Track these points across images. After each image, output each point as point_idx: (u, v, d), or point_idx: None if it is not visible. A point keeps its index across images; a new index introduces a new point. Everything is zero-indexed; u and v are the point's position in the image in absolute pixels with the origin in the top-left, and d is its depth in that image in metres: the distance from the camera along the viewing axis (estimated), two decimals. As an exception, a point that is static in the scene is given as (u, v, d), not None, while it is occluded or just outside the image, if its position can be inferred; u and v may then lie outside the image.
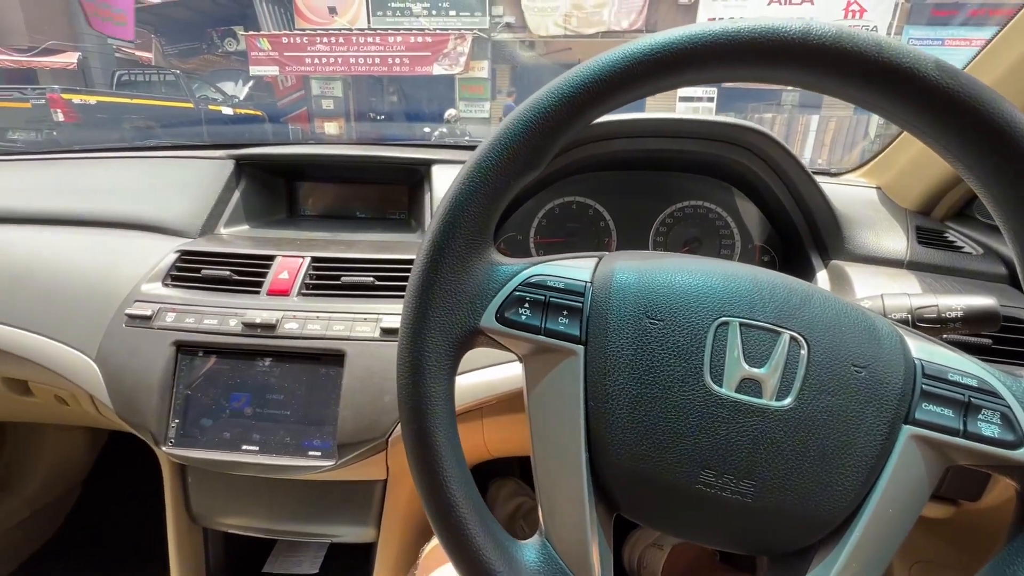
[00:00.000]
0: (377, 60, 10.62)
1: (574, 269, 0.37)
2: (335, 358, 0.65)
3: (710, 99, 10.06)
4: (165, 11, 12.11)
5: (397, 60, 10.60)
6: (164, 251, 0.76)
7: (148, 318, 0.68)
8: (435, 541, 0.66)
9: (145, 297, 0.70)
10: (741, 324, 0.34)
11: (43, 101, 7.71)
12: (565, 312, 0.36)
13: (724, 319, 0.34)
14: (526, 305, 0.36)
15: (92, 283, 0.74)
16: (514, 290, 0.37)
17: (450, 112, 8.40)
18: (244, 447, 0.64)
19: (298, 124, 11.63)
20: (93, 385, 0.67)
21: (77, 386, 0.70)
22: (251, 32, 10.96)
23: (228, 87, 10.73)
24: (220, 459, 0.64)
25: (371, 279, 0.70)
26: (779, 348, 0.33)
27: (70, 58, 11.95)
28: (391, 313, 0.66)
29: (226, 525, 0.77)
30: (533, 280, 0.37)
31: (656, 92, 0.36)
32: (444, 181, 0.83)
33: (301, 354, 0.65)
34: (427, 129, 8.58)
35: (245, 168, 0.89)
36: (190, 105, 9.18)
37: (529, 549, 0.36)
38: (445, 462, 0.35)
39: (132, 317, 0.68)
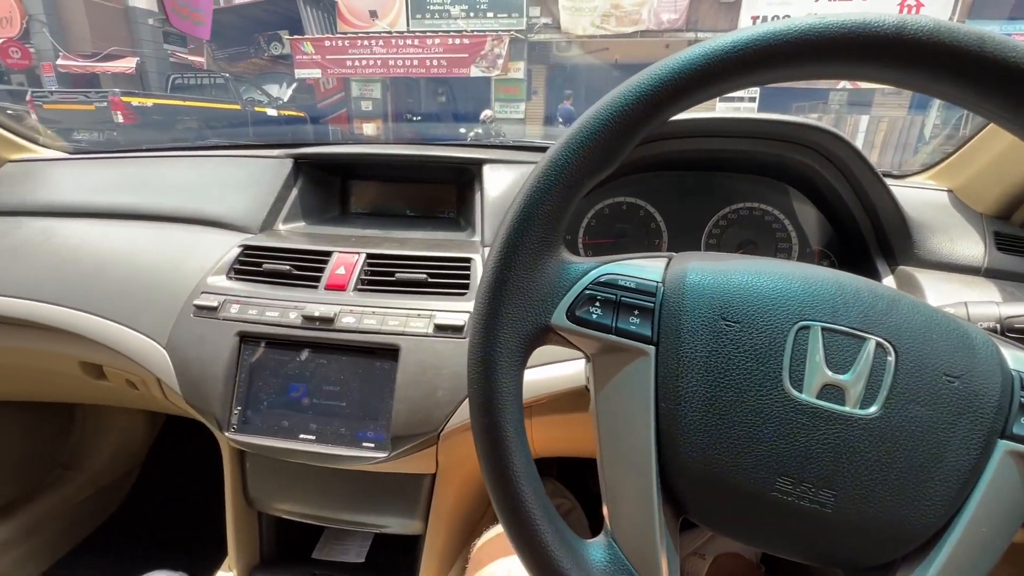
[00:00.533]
0: (415, 62, 10.80)
1: (645, 268, 0.37)
2: (389, 352, 0.66)
3: (752, 99, 9.77)
4: (217, 17, 12.65)
5: (435, 62, 10.75)
6: (228, 246, 0.80)
7: (214, 309, 0.71)
8: (486, 536, 0.67)
9: (211, 289, 0.74)
10: (823, 328, 0.33)
11: (105, 103, 8.20)
12: (636, 312, 0.36)
13: (805, 323, 0.33)
14: (597, 304, 0.36)
15: (162, 275, 0.78)
16: (585, 288, 0.37)
17: (486, 113, 8.46)
18: (301, 436, 0.67)
19: (338, 125, 11.95)
20: (163, 371, 0.71)
21: (148, 372, 0.74)
22: (296, 36, 11.34)
23: (273, 89, 11.13)
24: (278, 446, 0.67)
25: (424, 276, 0.71)
26: (864, 354, 0.32)
27: (129, 63, 12.66)
28: (444, 310, 0.67)
29: (279, 510, 0.80)
30: (604, 279, 0.37)
31: (736, 90, 0.35)
32: (495, 181, 0.84)
33: (357, 348, 0.67)
34: (463, 130, 8.68)
35: (303, 167, 0.92)
36: (238, 107, 9.57)
37: (596, 548, 0.36)
38: (515, 457, 0.35)
39: (199, 308, 0.72)
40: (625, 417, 0.36)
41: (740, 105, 9.68)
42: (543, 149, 0.96)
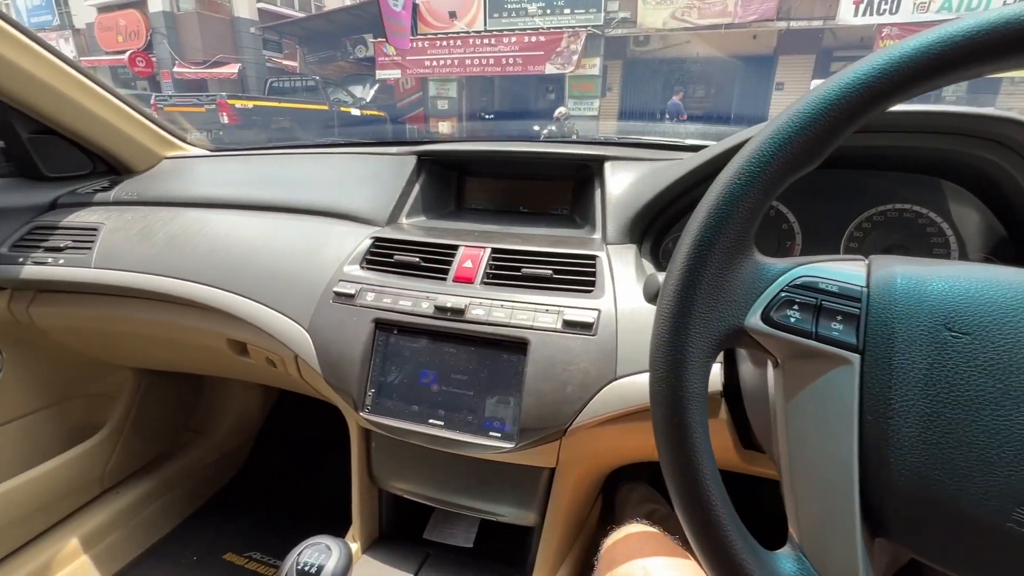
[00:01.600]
0: (491, 60, 10.96)
1: (846, 272, 0.35)
2: (518, 346, 0.67)
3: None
4: (309, 23, 13.59)
5: (511, 60, 10.85)
6: (359, 237, 0.85)
7: (352, 296, 0.76)
8: (616, 535, 0.67)
9: (347, 277, 0.79)
10: None
11: (213, 106, 9.05)
12: (839, 317, 0.34)
13: None
14: (795, 307, 0.35)
15: (303, 263, 0.84)
16: (781, 290, 0.35)
17: (560, 110, 8.40)
18: (430, 420, 0.70)
19: (414, 123, 12.41)
20: (306, 352, 0.77)
21: (289, 351, 0.80)
22: (379, 39, 11.88)
23: (357, 90, 11.74)
24: (409, 429, 0.70)
25: (549, 272, 0.72)
26: None
27: (232, 69, 13.90)
28: (572, 306, 0.68)
29: (399, 489, 0.84)
30: (802, 281, 0.35)
31: (962, 80, 0.32)
32: (617, 179, 0.83)
33: (486, 339, 0.69)
34: (536, 127, 8.69)
35: (425, 163, 0.96)
36: (325, 107, 10.20)
37: (785, 560, 0.35)
38: (704, 461, 0.35)
39: (338, 295, 0.77)
40: (821, 427, 0.34)
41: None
42: (665, 147, 0.94)
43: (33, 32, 0.93)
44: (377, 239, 0.83)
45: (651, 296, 0.46)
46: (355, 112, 10.54)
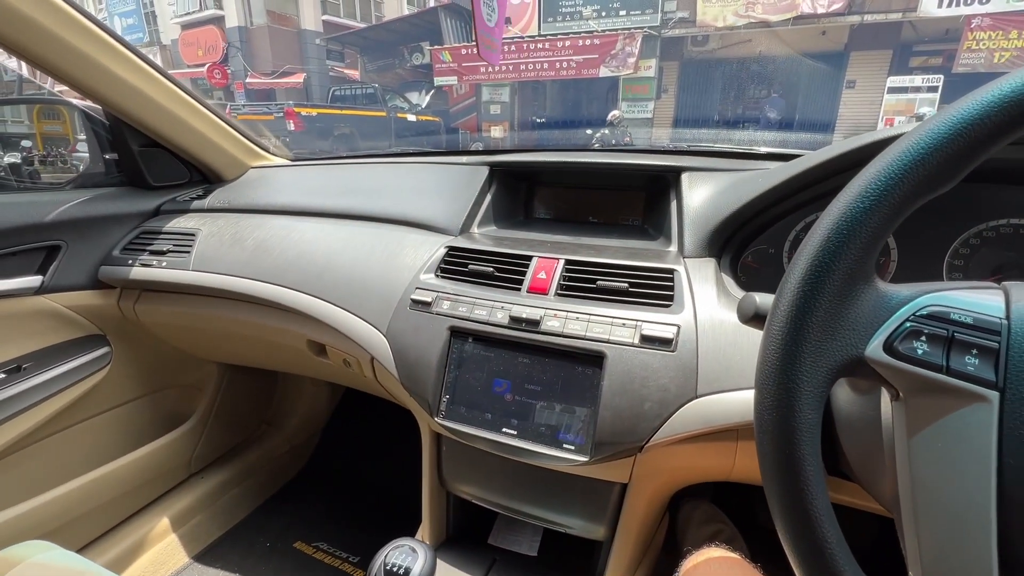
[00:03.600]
0: (545, 65, 10.99)
1: (982, 302, 0.33)
2: (594, 359, 0.67)
3: (932, 88, 8.33)
4: (369, 33, 14.15)
5: (564, 64, 10.83)
6: (433, 246, 0.87)
7: (428, 304, 0.78)
8: (695, 558, 0.65)
9: (424, 285, 0.81)
10: None
11: (281, 114, 9.60)
12: (974, 351, 0.31)
13: None
14: (923, 338, 0.33)
15: (380, 270, 0.88)
16: (907, 320, 0.33)
17: (613, 114, 8.28)
18: (503, 429, 0.71)
19: (467, 128, 12.63)
20: (383, 356, 0.80)
21: (366, 354, 0.84)
22: (436, 47, 12.19)
23: (413, 96, 12.10)
24: (482, 436, 0.71)
25: (625, 285, 0.71)
26: None
27: (298, 78, 14.70)
28: (650, 321, 0.67)
29: (467, 493, 0.86)
30: (931, 311, 0.33)
31: None
32: (695, 190, 0.81)
33: (561, 351, 0.69)
34: (589, 131, 8.61)
35: (496, 174, 0.98)
36: (383, 113, 10.58)
37: None
38: (818, 496, 0.33)
39: (415, 302, 0.79)
40: (952, 469, 0.32)
41: (916, 97, 8.32)
42: (743, 156, 0.91)
43: (144, 54, 1.02)
44: (451, 248, 0.85)
45: (747, 317, 0.45)
46: (411, 118, 10.88)
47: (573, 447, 0.67)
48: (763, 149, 0.93)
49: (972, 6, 8.12)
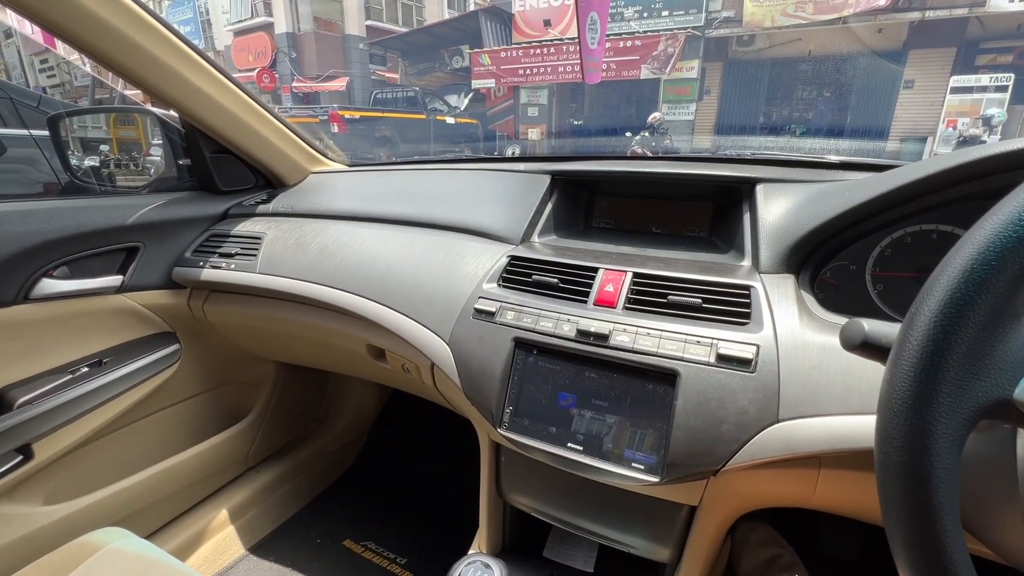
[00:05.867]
0: (585, 67, 10.87)
1: None
2: (667, 377, 0.65)
3: (1001, 88, 7.81)
4: (410, 38, 14.42)
5: (605, 66, 10.70)
6: (495, 255, 0.87)
7: (492, 314, 0.78)
8: None
9: (487, 295, 0.81)
10: None
11: (326, 117, 9.90)
12: None
13: None
14: None
15: (441, 278, 0.88)
16: None
17: (654, 116, 8.15)
18: (569, 444, 0.69)
19: (504, 130, 12.68)
20: (446, 364, 0.80)
21: (426, 360, 0.84)
22: (475, 50, 12.30)
23: (452, 99, 12.25)
24: (546, 450, 0.70)
25: (699, 300, 0.69)
26: None
27: (342, 83, 15.12)
28: (726, 339, 0.64)
29: (525, 505, 0.85)
30: (1093, 352, 0.30)
31: None
32: (772, 203, 0.77)
33: (630, 367, 0.68)
34: (628, 133, 8.50)
35: (558, 182, 0.97)
36: (423, 116, 10.75)
37: None
38: (957, 550, 0.31)
39: (479, 311, 0.79)
40: None
41: (983, 97, 7.82)
42: (822, 166, 0.87)
43: (217, 63, 1.07)
44: (514, 258, 0.84)
45: (853, 345, 0.42)
46: (449, 120, 11.01)
47: (643, 467, 0.65)
48: (835, 159, 0.89)
49: (1049, -1, 7.58)
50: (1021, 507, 0.36)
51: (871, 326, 0.40)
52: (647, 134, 7.64)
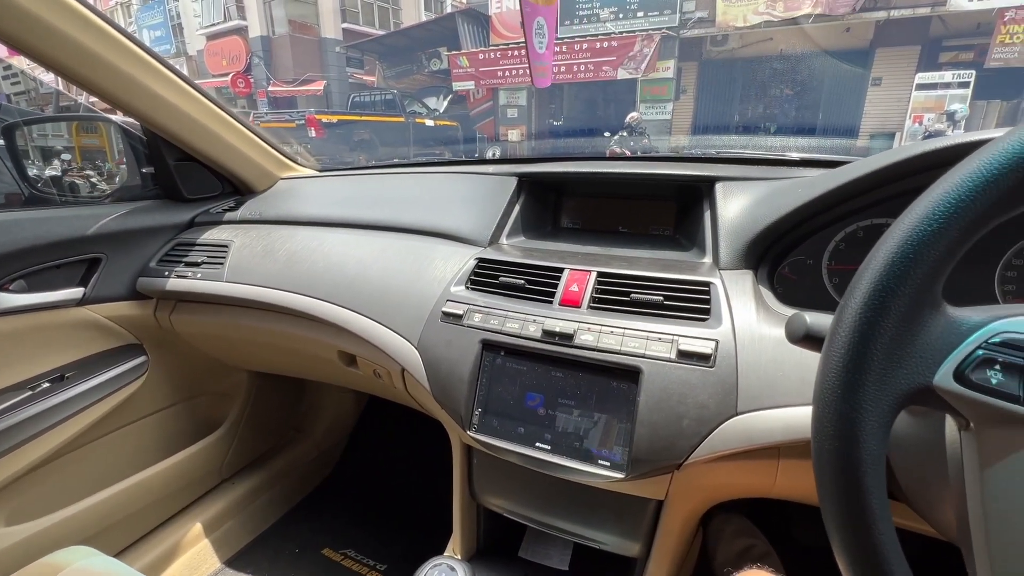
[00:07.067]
0: (563, 68, 10.96)
1: None
2: (630, 374, 0.66)
3: (963, 84, 8.08)
4: (387, 40, 14.34)
5: (582, 67, 10.80)
6: (463, 258, 0.87)
7: (460, 316, 0.78)
8: None
9: (455, 297, 0.81)
10: None
11: (303, 121, 9.77)
12: None
13: None
14: (997, 367, 0.31)
15: (410, 282, 0.88)
16: (978, 347, 0.32)
17: (632, 115, 8.23)
18: (537, 444, 0.70)
19: (485, 132, 12.68)
20: (415, 368, 0.80)
21: (396, 366, 0.84)
22: (453, 52, 12.28)
23: (431, 102, 12.20)
24: (515, 451, 0.71)
25: (660, 298, 0.70)
26: None
27: (318, 86, 14.95)
28: (687, 335, 0.65)
29: (498, 507, 0.85)
30: (1005, 338, 0.31)
31: None
32: (730, 200, 0.79)
33: (596, 366, 0.68)
34: (607, 134, 8.56)
35: (525, 183, 0.98)
36: (402, 119, 10.68)
37: None
38: (883, 531, 0.32)
39: (447, 315, 0.79)
40: None
41: (946, 93, 8.08)
42: (779, 163, 0.89)
43: (178, 69, 1.05)
44: (481, 260, 0.85)
45: (796, 337, 0.43)
46: (429, 123, 10.95)
47: (609, 463, 0.66)
48: (796, 155, 0.91)
49: (1005, -2, 7.86)
50: (952, 486, 0.37)
51: (812, 319, 0.41)
52: (625, 134, 7.71)
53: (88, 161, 1.60)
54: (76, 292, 1.03)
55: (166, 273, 1.09)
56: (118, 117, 1.19)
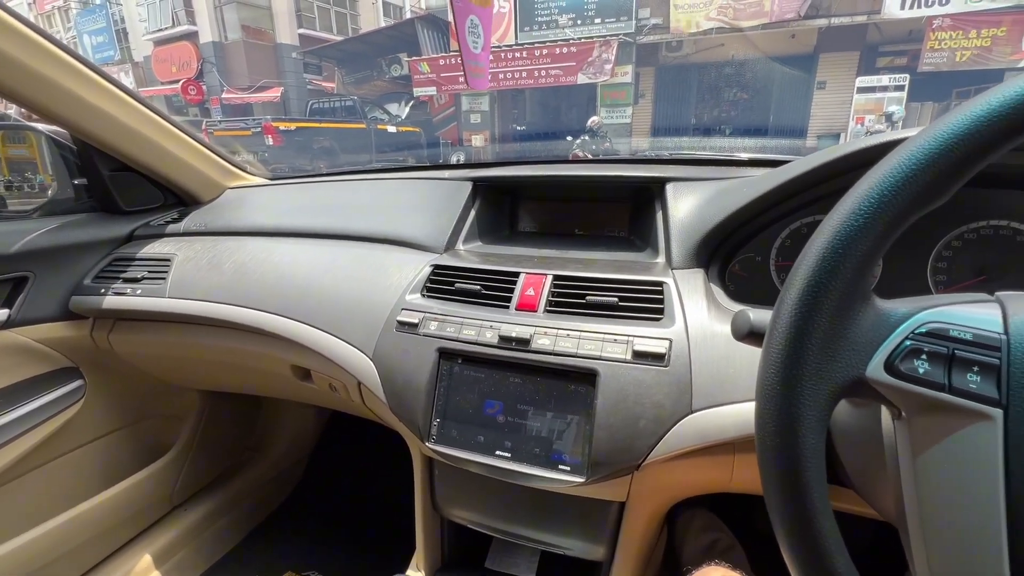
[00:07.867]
0: (524, 74, 11.06)
1: (979, 316, 0.32)
2: (587, 377, 0.66)
3: (899, 87, 8.58)
4: (346, 46, 14.11)
5: (543, 72, 10.91)
6: (418, 265, 0.85)
7: (415, 325, 0.76)
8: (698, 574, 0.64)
9: (410, 306, 0.79)
10: None
11: (259, 129, 9.48)
12: (975, 368, 0.31)
13: None
14: (923, 357, 0.32)
15: (364, 292, 0.85)
16: (906, 338, 0.33)
17: (593, 120, 8.37)
18: (497, 452, 0.69)
19: (448, 137, 12.64)
20: (370, 380, 0.78)
21: (352, 378, 0.81)
22: (414, 58, 12.20)
23: (393, 108, 12.07)
24: (474, 460, 0.69)
25: (615, 299, 0.70)
26: None
27: (275, 93, 14.57)
28: (641, 336, 0.66)
29: (463, 518, 0.84)
30: (930, 328, 0.32)
31: None
32: (680, 201, 0.80)
33: (552, 370, 0.68)
34: (569, 138, 8.67)
35: (480, 188, 0.97)
36: (363, 125, 10.51)
37: None
38: (825, 524, 0.32)
39: (402, 324, 0.77)
40: (960, 488, 0.31)
41: (884, 96, 8.56)
42: (727, 164, 0.91)
43: (110, 75, 0.99)
44: (437, 267, 0.83)
45: (741, 334, 0.44)
46: (391, 129, 10.82)
47: (569, 468, 0.65)
48: (744, 156, 0.94)
49: (933, 7, 8.40)
50: (889, 473, 0.38)
51: (756, 316, 0.42)
52: (587, 137, 7.83)
53: (17, 173, 1.50)
54: (0, 314, 0.96)
55: (102, 291, 1.03)
56: (43, 126, 1.11)
